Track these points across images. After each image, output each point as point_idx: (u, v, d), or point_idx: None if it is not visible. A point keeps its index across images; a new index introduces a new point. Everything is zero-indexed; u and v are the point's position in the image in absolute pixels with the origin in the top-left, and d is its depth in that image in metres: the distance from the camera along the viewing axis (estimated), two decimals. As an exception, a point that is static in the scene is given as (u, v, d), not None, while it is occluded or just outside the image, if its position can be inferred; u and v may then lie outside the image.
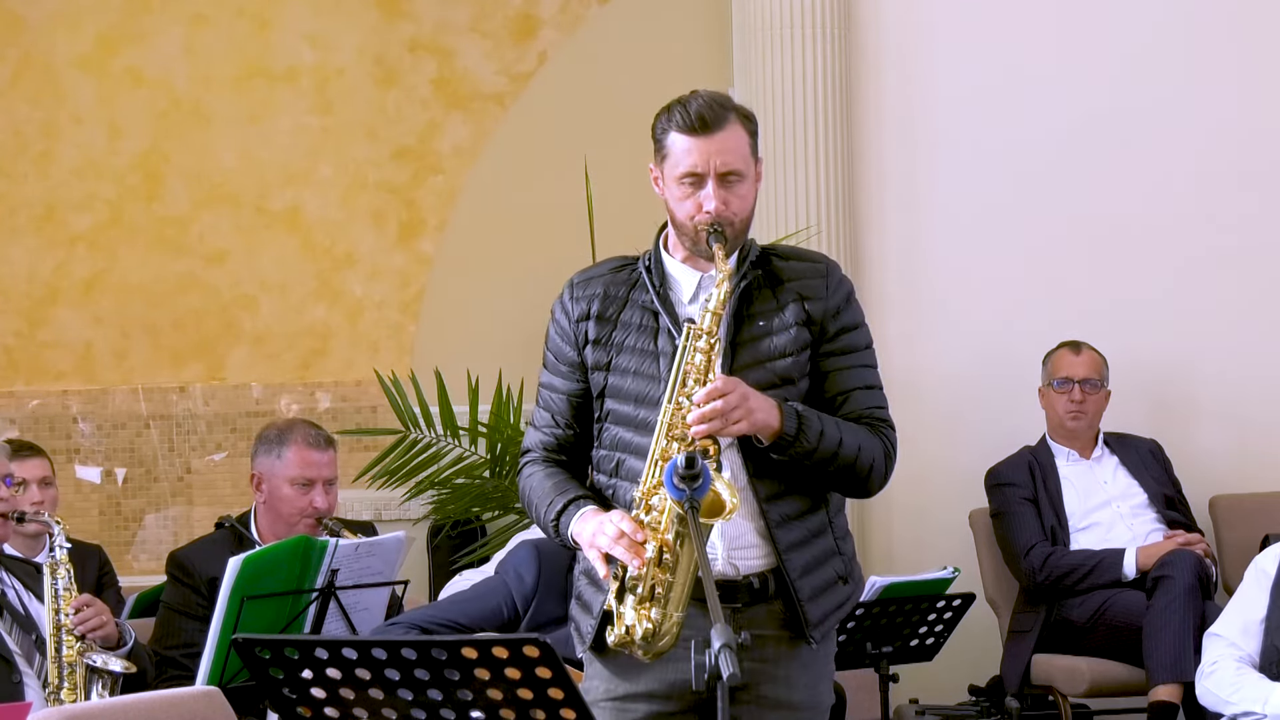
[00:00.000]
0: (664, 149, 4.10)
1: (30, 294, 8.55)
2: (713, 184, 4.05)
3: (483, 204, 8.47)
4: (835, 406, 4.11)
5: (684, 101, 4.09)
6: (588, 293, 4.15)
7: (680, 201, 4.07)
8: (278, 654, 3.41)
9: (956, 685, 7.34)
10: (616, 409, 4.09)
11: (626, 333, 4.11)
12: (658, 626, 3.89)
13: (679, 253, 4.14)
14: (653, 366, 4.06)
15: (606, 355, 4.10)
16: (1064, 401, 7.38)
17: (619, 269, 4.18)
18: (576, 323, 4.14)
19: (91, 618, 5.17)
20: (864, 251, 7.72)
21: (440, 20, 8.57)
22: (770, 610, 4.07)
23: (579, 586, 4.16)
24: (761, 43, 7.58)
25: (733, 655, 3.45)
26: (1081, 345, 7.44)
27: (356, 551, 5.54)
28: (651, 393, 4.04)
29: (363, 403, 8.44)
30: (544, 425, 4.21)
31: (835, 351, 4.14)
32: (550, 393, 4.20)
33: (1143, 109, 7.79)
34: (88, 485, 8.49)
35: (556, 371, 4.19)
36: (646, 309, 4.10)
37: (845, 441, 4.06)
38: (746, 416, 3.94)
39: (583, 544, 4.01)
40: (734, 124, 4.11)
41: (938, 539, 7.60)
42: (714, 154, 4.06)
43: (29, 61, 8.55)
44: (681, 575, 3.89)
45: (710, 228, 4.02)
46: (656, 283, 4.10)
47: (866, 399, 4.16)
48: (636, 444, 4.05)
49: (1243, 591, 5.70)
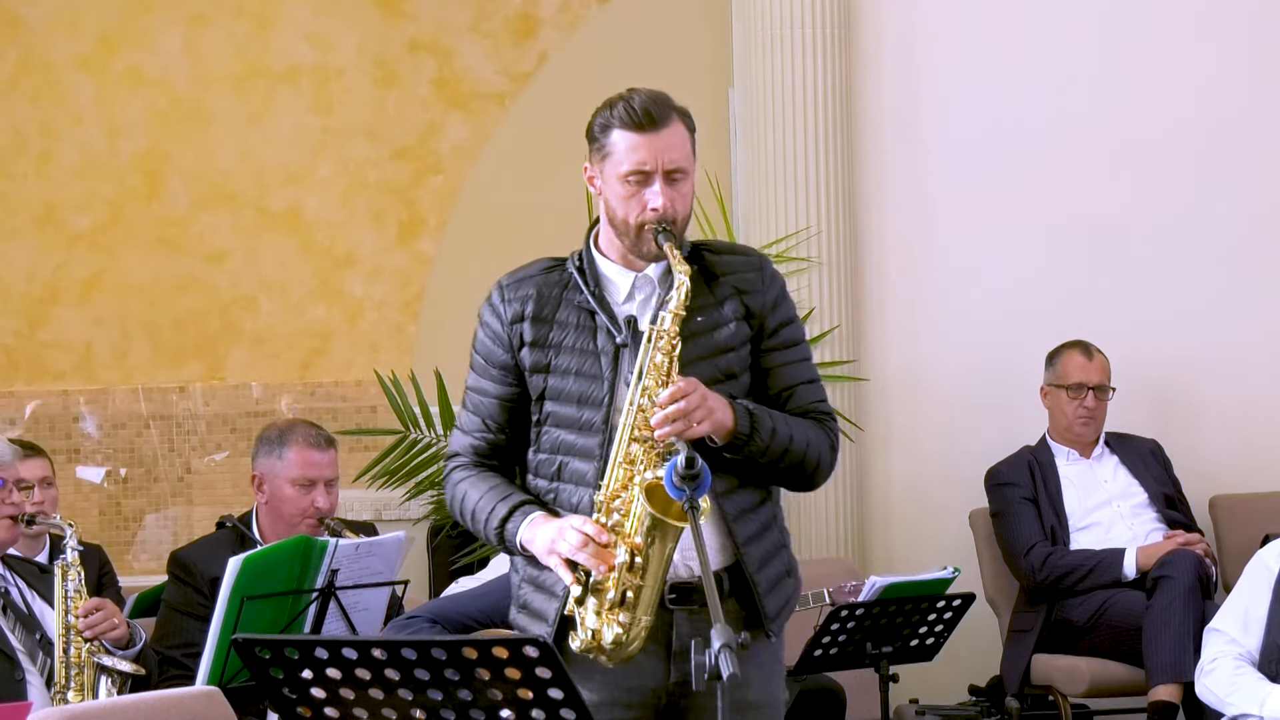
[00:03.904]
0: (606, 147, 4.04)
1: (30, 294, 8.56)
2: (660, 182, 3.99)
3: (483, 204, 8.48)
4: (780, 402, 4.09)
5: (626, 98, 4.03)
6: (520, 294, 4.08)
7: (624, 200, 4.02)
8: (278, 654, 3.41)
9: (956, 685, 7.34)
10: (557, 411, 4.04)
11: (564, 333, 4.05)
12: (627, 631, 3.87)
13: (613, 252, 4.09)
14: (594, 366, 4.02)
15: (545, 357, 4.05)
16: (1076, 407, 7.34)
17: (549, 269, 4.12)
18: (510, 325, 4.07)
19: (101, 621, 5.17)
20: (864, 251, 7.71)
21: (440, 20, 8.58)
22: (725, 610, 3.99)
23: (523, 594, 4.09)
24: (761, 43, 7.58)
25: (733, 655, 3.44)
26: (1091, 348, 7.40)
27: (356, 551, 5.54)
28: (595, 393, 4.01)
29: (363, 403, 8.45)
30: (474, 430, 4.14)
31: (777, 346, 4.11)
32: (480, 397, 4.13)
33: (1142, 108, 7.79)
34: (88, 485, 8.50)
35: (486, 375, 4.12)
36: (583, 309, 4.05)
37: (795, 437, 4.04)
38: (708, 416, 3.92)
39: (538, 550, 3.96)
40: (677, 122, 4.03)
41: (938, 539, 7.60)
42: (661, 151, 3.99)
43: (29, 61, 8.56)
44: (651, 579, 3.87)
45: (659, 226, 3.97)
46: (591, 283, 4.06)
47: (810, 393, 4.13)
48: (580, 446, 4.01)
49: (1244, 586, 5.69)
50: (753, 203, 7.60)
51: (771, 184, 7.54)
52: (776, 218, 7.54)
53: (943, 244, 7.75)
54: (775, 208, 7.55)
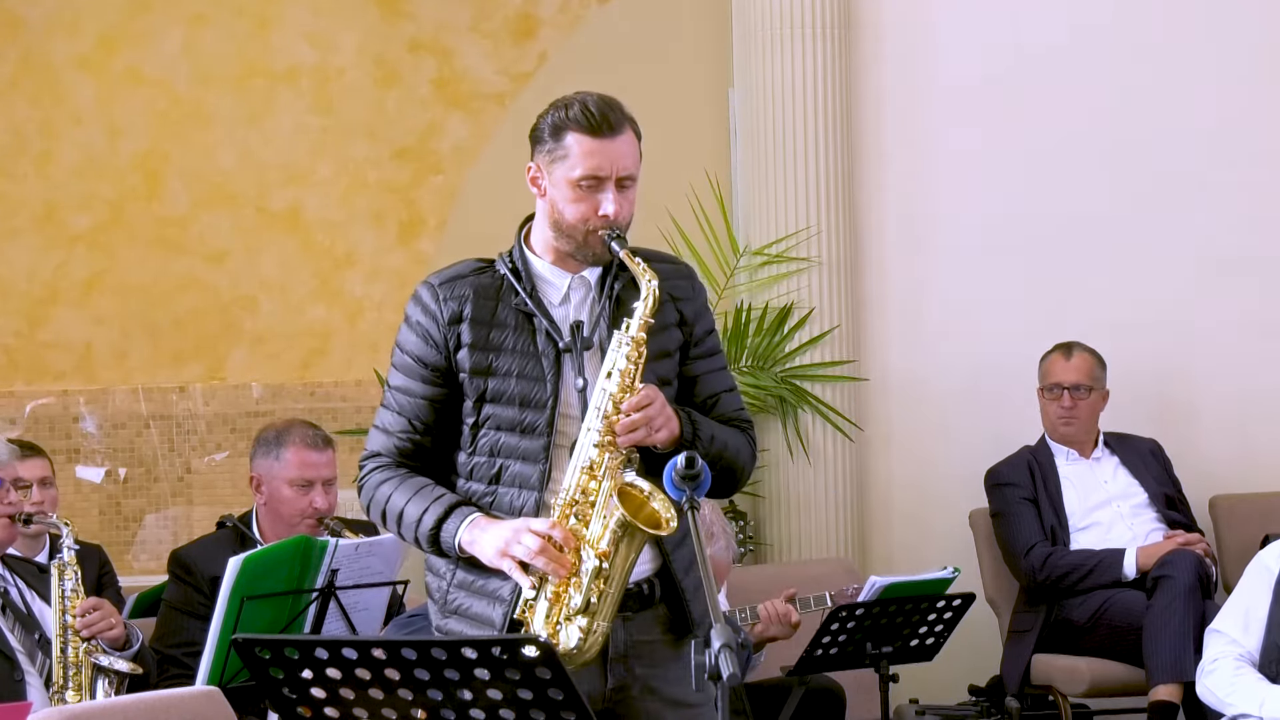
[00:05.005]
0: (560, 149, 4.03)
1: (30, 294, 8.55)
2: (612, 188, 4.00)
3: (483, 204, 8.47)
4: (705, 409, 4.11)
5: (583, 102, 4.03)
6: (457, 294, 4.06)
7: (573, 204, 4.01)
8: (278, 654, 3.41)
9: (956, 685, 7.35)
10: (498, 413, 4.01)
11: (504, 334, 4.03)
12: (586, 637, 3.87)
13: (548, 253, 4.09)
14: (536, 368, 4.00)
15: (486, 359, 4.02)
16: (1055, 408, 7.38)
17: (480, 270, 4.11)
18: (448, 325, 4.04)
19: (98, 621, 5.17)
20: (864, 251, 7.72)
21: (440, 20, 8.57)
22: (656, 615, 4.05)
23: (456, 600, 4.04)
24: (761, 43, 7.58)
25: (733, 655, 3.44)
26: (1074, 348, 7.41)
27: (356, 551, 5.54)
28: (538, 395, 3.99)
29: (363, 403, 8.44)
30: (398, 430, 4.10)
31: (703, 354, 4.14)
32: (406, 397, 4.09)
33: (1143, 111, 7.79)
34: (88, 485, 8.50)
35: (414, 375, 4.08)
36: (520, 310, 4.04)
37: (728, 444, 4.08)
38: (666, 424, 3.94)
39: (485, 553, 3.92)
40: (629, 129, 4.04)
41: (938, 539, 7.61)
42: (616, 158, 4.00)
43: (29, 61, 8.55)
44: (615, 585, 3.88)
45: (612, 233, 3.98)
46: (528, 285, 4.05)
47: (732, 401, 4.17)
48: (523, 449, 3.99)
49: (1244, 586, 5.69)
50: (753, 203, 7.60)
51: (771, 184, 7.54)
52: (776, 218, 7.54)
53: (942, 244, 7.75)
54: (775, 208, 7.55)
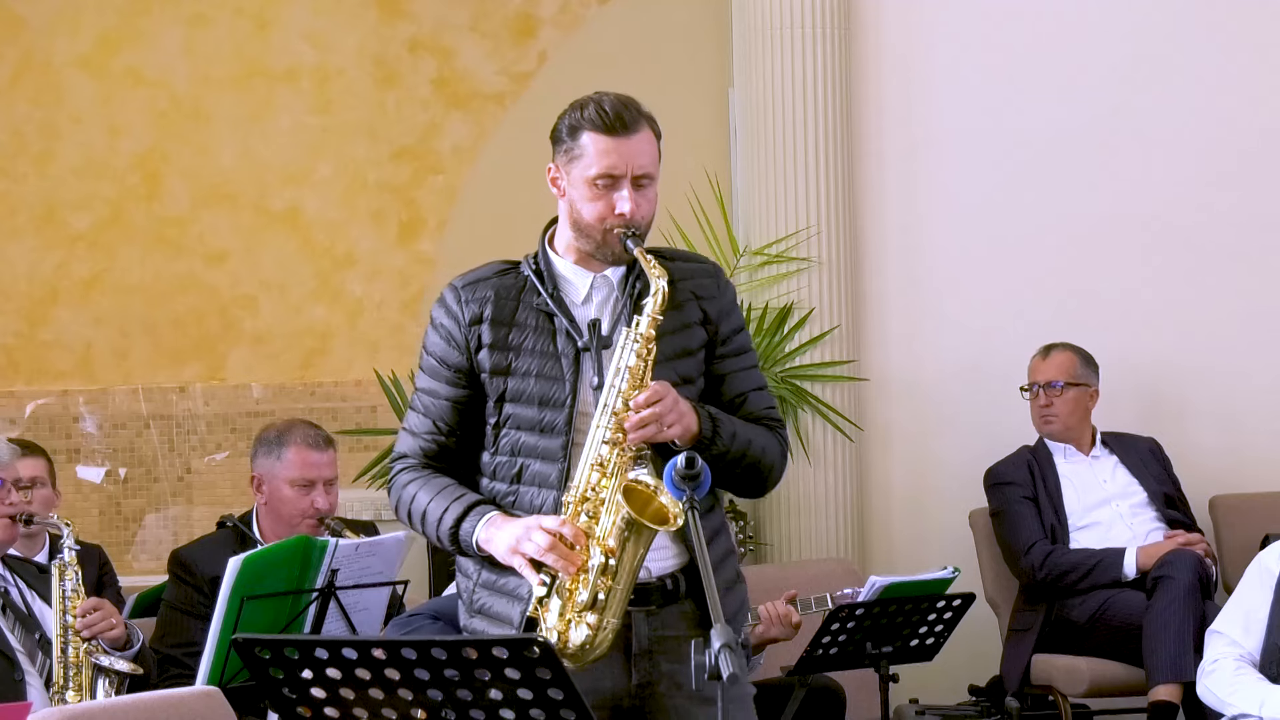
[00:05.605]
0: (576, 149, 4.05)
1: (30, 294, 8.56)
2: (628, 187, 4.01)
3: (483, 204, 8.48)
4: (733, 408, 4.11)
5: (598, 101, 4.06)
6: (478, 295, 4.10)
7: (590, 202, 4.02)
8: (278, 654, 3.41)
9: (956, 685, 7.35)
10: (518, 413, 4.03)
11: (524, 335, 4.05)
12: (595, 633, 3.88)
13: (570, 253, 4.10)
14: (555, 368, 4.03)
15: (505, 359, 4.04)
16: (1033, 406, 7.41)
17: (503, 272, 4.13)
18: (469, 326, 4.08)
19: (99, 621, 5.17)
20: (864, 251, 7.72)
21: (440, 20, 8.58)
22: (681, 611, 4.05)
23: (480, 599, 4.07)
24: (761, 43, 7.58)
25: (733, 655, 3.44)
26: (1054, 348, 7.42)
27: (356, 551, 5.54)
28: (557, 395, 4.01)
29: (363, 403, 8.45)
30: (424, 431, 4.12)
31: (731, 353, 4.14)
32: (432, 399, 4.12)
33: (1140, 110, 7.79)
34: (88, 485, 8.50)
35: (439, 377, 4.11)
36: (541, 311, 4.06)
37: (753, 442, 4.08)
38: (679, 420, 3.95)
39: (499, 551, 3.95)
40: (646, 128, 4.06)
41: (938, 539, 7.61)
42: (631, 156, 4.02)
43: (29, 61, 8.56)
44: (623, 581, 3.88)
45: (627, 231, 3.99)
46: (550, 286, 4.07)
47: (761, 400, 4.17)
48: (543, 448, 4.01)
49: (1245, 587, 5.69)
50: (753, 203, 7.60)
51: (771, 184, 7.54)
52: (776, 218, 7.54)
53: (942, 244, 7.75)
54: (775, 208, 7.55)
